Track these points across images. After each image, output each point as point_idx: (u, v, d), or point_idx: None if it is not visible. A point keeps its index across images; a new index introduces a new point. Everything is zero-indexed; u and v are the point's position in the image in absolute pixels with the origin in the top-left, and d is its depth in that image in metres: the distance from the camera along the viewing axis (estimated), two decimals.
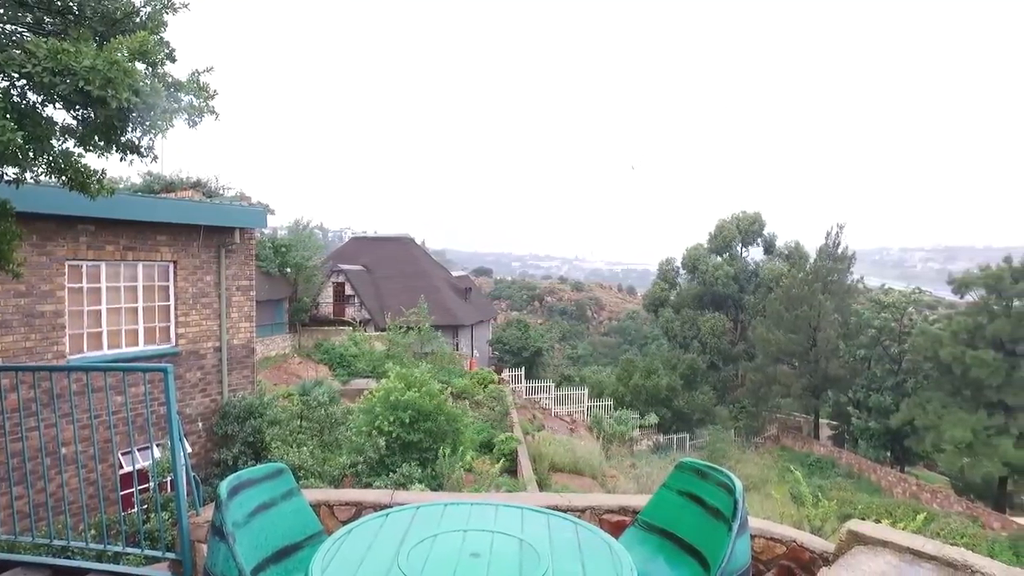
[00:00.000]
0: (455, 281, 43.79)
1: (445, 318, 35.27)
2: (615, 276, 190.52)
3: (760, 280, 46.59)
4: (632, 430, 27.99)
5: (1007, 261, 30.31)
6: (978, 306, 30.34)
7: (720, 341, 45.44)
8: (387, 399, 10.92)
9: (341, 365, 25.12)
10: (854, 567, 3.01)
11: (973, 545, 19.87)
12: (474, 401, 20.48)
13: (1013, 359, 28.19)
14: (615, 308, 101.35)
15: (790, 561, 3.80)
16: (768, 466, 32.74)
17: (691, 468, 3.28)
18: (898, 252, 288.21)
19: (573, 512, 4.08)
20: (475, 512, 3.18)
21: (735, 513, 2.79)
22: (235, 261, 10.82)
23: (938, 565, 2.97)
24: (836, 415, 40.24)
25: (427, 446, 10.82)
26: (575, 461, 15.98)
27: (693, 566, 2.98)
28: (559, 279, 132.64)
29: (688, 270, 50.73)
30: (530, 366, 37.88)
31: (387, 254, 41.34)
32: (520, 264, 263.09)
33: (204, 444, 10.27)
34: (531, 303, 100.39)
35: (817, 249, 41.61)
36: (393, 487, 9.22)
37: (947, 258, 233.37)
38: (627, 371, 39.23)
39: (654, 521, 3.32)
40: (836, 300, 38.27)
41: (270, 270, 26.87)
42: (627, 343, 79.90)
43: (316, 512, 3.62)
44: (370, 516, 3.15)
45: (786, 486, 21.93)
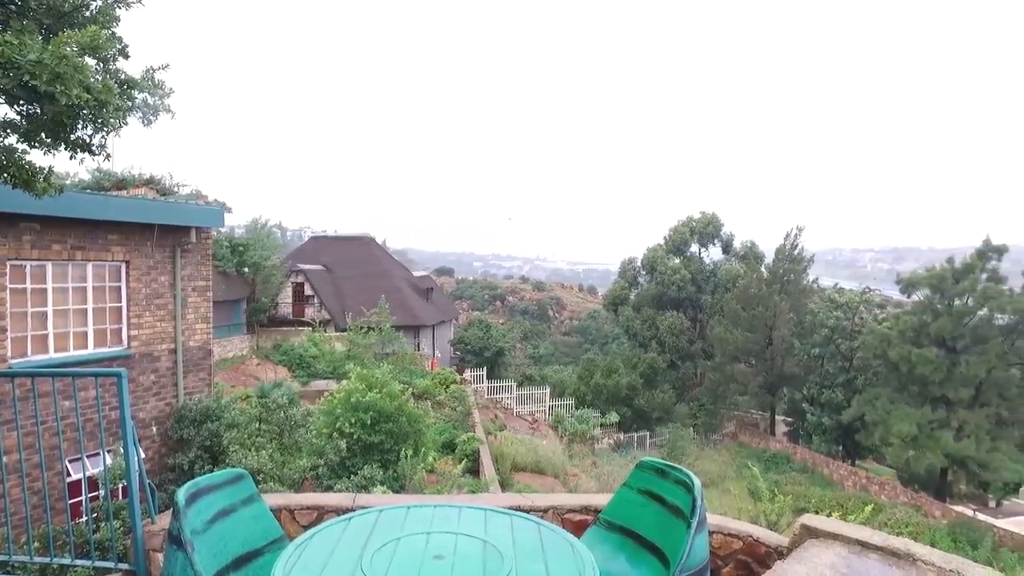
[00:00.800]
0: (416, 281, 43.53)
1: (406, 318, 35.04)
2: (576, 276, 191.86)
3: (718, 280, 47.48)
4: (593, 429, 28.27)
5: (950, 262, 31.55)
6: (923, 305, 31.51)
7: (679, 340, 46.16)
8: (348, 400, 10.80)
9: (301, 366, 24.74)
10: (806, 560, 3.12)
11: (916, 534, 20.64)
12: (436, 402, 20.41)
13: (953, 356, 29.37)
14: (576, 308, 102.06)
15: (747, 556, 3.90)
16: (726, 463, 33.44)
17: (651, 467, 3.35)
18: (850, 252, 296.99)
19: (536, 512, 4.12)
20: (438, 514, 3.19)
21: (694, 511, 2.86)
22: (191, 261, 10.57)
23: (884, 555, 3.11)
24: (791, 412, 41.29)
25: (389, 447, 10.74)
26: (537, 461, 16.06)
27: (653, 563, 3.05)
28: (521, 279, 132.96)
29: (647, 270, 51.38)
30: (492, 366, 37.89)
31: (347, 254, 40.87)
32: (482, 264, 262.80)
33: (158, 449, 10.01)
34: (493, 303, 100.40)
35: (775, 250, 42.59)
36: (355, 490, 9.14)
37: (895, 259, 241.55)
38: (588, 370, 39.57)
39: (615, 520, 3.38)
40: (792, 300, 39.27)
41: (227, 270, 26.31)
42: (588, 342, 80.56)
43: (277, 517, 3.57)
44: (333, 520, 3.13)
45: (744, 482, 22.49)
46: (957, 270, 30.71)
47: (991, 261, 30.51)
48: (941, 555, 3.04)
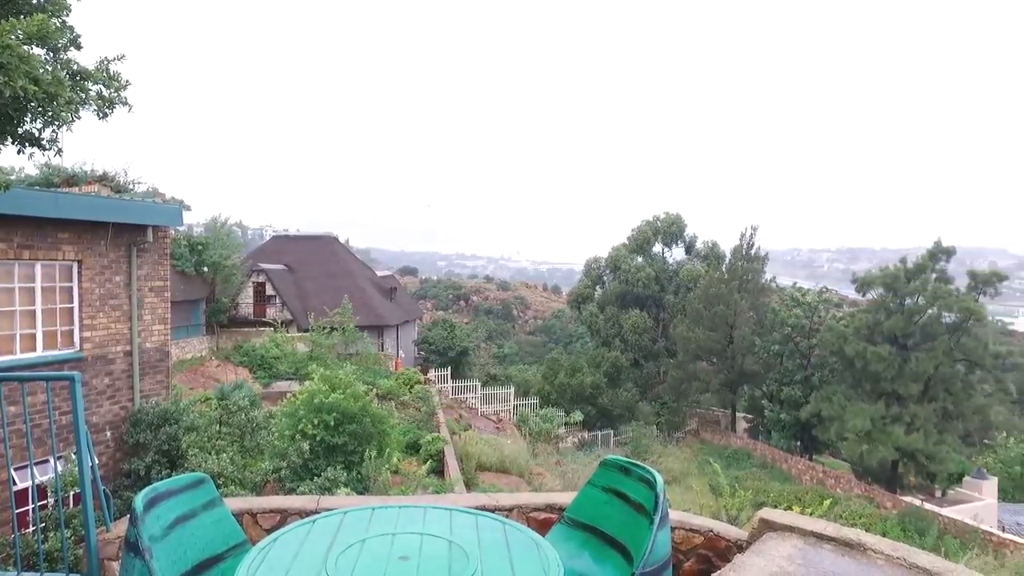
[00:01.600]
0: (380, 281, 43.18)
1: (370, 318, 34.73)
2: (541, 275, 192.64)
3: (680, 280, 48.18)
4: (558, 428, 28.42)
5: (902, 262, 32.61)
6: (877, 304, 32.50)
7: (642, 339, 46.72)
8: (311, 401, 10.67)
9: (262, 367, 24.34)
10: (764, 552, 3.20)
11: (869, 525, 21.31)
12: (400, 402, 20.29)
13: (904, 353, 30.38)
14: (541, 307, 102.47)
15: (707, 550, 3.98)
16: (688, 459, 33.98)
17: (615, 465, 3.39)
18: (808, 253, 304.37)
19: (501, 511, 4.14)
20: (403, 515, 3.18)
21: (656, 507, 2.91)
22: (148, 260, 10.31)
23: (837, 545, 3.24)
24: (751, 409, 42.16)
25: (352, 449, 10.65)
26: (502, 460, 16.08)
27: (617, 559, 3.09)
28: (485, 278, 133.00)
29: (612, 269, 51.87)
30: (456, 366, 37.82)
31: (310, 253, 40.31)
32: (446, 263, 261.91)
33: (112, 454, 9.73)
34: (457, 302, 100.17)
35: (732, 250, 43.43)
36: (319, 492, 9.04)
37: (850, 259, 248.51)
38: (553, 369, 39.78)
39: (579, 517, 3.42)
40: (751, 299, 40.08)
41: (186, 269, 25.72)
42: (553, 342, 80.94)
43: (239, 521, 3.52)
44: (296, 523, 3.09)
45: (706, 478, 22.90)
46: (909, 270, 31.77)
47: (940, 262, 31.64)
48: (889, 543, 3.18)
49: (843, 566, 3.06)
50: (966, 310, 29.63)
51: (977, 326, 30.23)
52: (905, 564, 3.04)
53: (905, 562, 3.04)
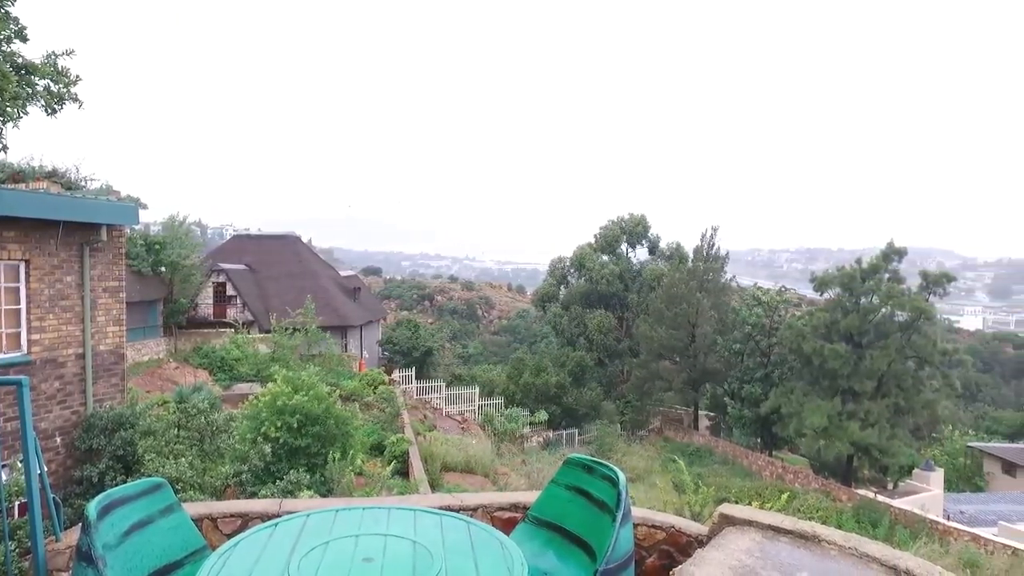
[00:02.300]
0: (343, 281, 42.70)
1: (333, 319, 34.33)
2: (505, 275, 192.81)
3: (644, 280, 48.72)
4: (523, 427, 28.50)
5: (858, 262, 33.55)
6: (834, 303, 33.37)
7: (606, 338, 47.11)
8: (273, 404, 10.51)
9: (222, 369, 23.86)
10: (724, 546, 3.28)
11: (825, 518, 21.91)
12: (364, 403, 20.11)
13: (859, 350, 31.26)
14: (505, 307, 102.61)
15: (669, 545, 4.05)
16: (652, 457, 34.41)
17: (578, 463, 3.43)
18: (768, 253, 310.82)
19: (465, 511, 4.14)
20: (367, 516, 3.16)
21: (619, 504, 2.95)
22: (101, 260, 10.01)
23: (793, 538, 3.34)
24: (713, 406, 42.88)
25: (316, 451, 10.52)
26: (467, 460, 16.07)
27: (580, 556, 3.13)
28: (450, 278, 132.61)
29: (576, 268, 52.20)
30: (421, 366, 37.62)
31: (272, 253, 39.66)
32: (410, 263, 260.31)
33: (63, 461, 9.42)
34: (421, 303, 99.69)
35: (693, 250, 44.12)
36: (281, 495, 8.90)
37: (809, 259, 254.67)
38: (517, 369, 39.86)
39: (543, 516, 3.44)
40: (712, 298, 40.76)
41: (142, 269, 25.05)
42: (517, 341, 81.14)
43: (199, 527, 3.46)
44: (258, 527, 3.05)
45: (669, 475, 23.21)
46: (864, 270, 32.71)
47: (893, 262, 32.65)
48: (842, 535, 3.30)
49: (799, 557, 3.15)
50: (917, 309, 30.62)
51: (927, 325, 31.27)
52: (856, 553, 3.15)
53: (856, 551, 3.16)
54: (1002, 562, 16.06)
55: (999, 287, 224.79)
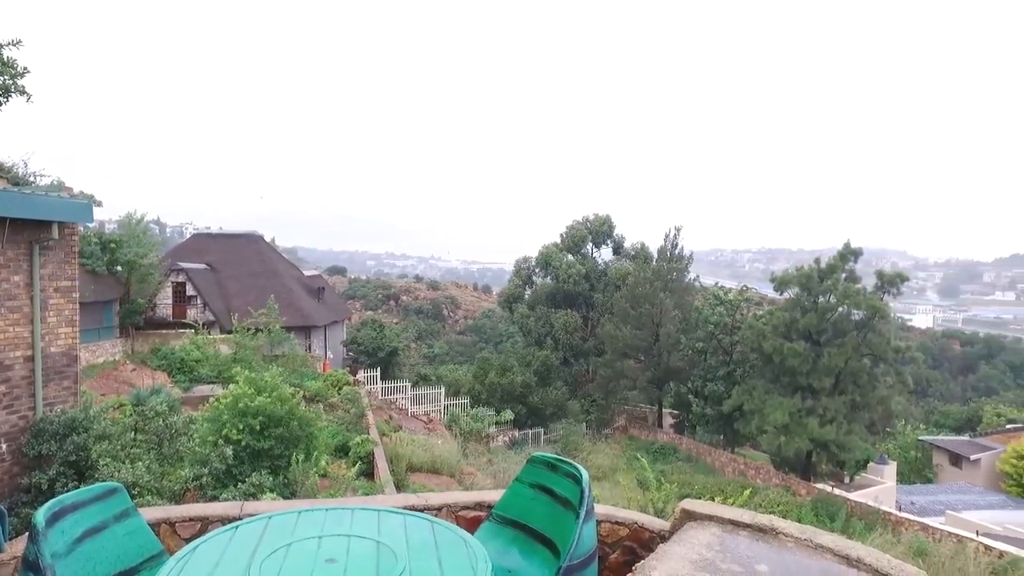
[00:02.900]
0: (307, 280, 42.13)
1: (297, 319, 33.86)
2: (471, 275, 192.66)
3: (609, 279, 49.15)
4: (488, 427, 28.53)
5: (816, 262, 34.38)
6: (793, 302, 34.15)
7: (572, 337, 47.40)
8: (235, 405, 10.31)
9: (182, 371, 23.33)
10: (685, 541, 3.34)
11: (785, 512, 22.45)
12: (328, 404, 19.89)
13: (818, 348, 32.05)
14: (471, 307, 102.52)
15: (632, 541, 4.10)
16: (617, 455, 34.76)
17: (542, 461, 3.46)
18: (730, 253, 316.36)
19: (430, 511, 4.13)
20: (331, 517, 3.14)
21: (582, 501, 2.98)
22: (53, 259, 9.70)
23: (752, 531, 3.42)
24: (677, 404, 43.49)
25: (279, 453, 10.36)
26: (433, 460, 16.02)
27: (544, 554, 3.15)
28: (415, 278, 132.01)
29: (542, 268, 52.41)
30: (386, 366, 37.35)
31: (233, 252, 38.91)
32: (375, 263, 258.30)
33: (9, 469, 9.07)
34: (386, 302, 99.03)
35: (657, 250, 44.67)
36: (243, 498, 8.74)
37: (769, 259, 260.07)
38: (483, 369, 39.87)
39: (508, 514, 3.46)
40: (676, 298, 41.33)
41: (97, 269, 24.36)
42: (483, 341, 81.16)
43: (156, 532, 3.38)
44: (218, 530, 3.00)
45: (633, 473, 23.49)
46: (822, 270, 33.53)
47: (849, 263, 33.55)
48: (798, 527, 3.40)
49: (757, 550, 3.23)
50: (872, 308, 31.52)
51: (881, 323, 32.21)
52: (811, 545, 3.25)
53: (811, 543, 3.26)
54: (948, 549, 16.69)
55: (948, 286, 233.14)
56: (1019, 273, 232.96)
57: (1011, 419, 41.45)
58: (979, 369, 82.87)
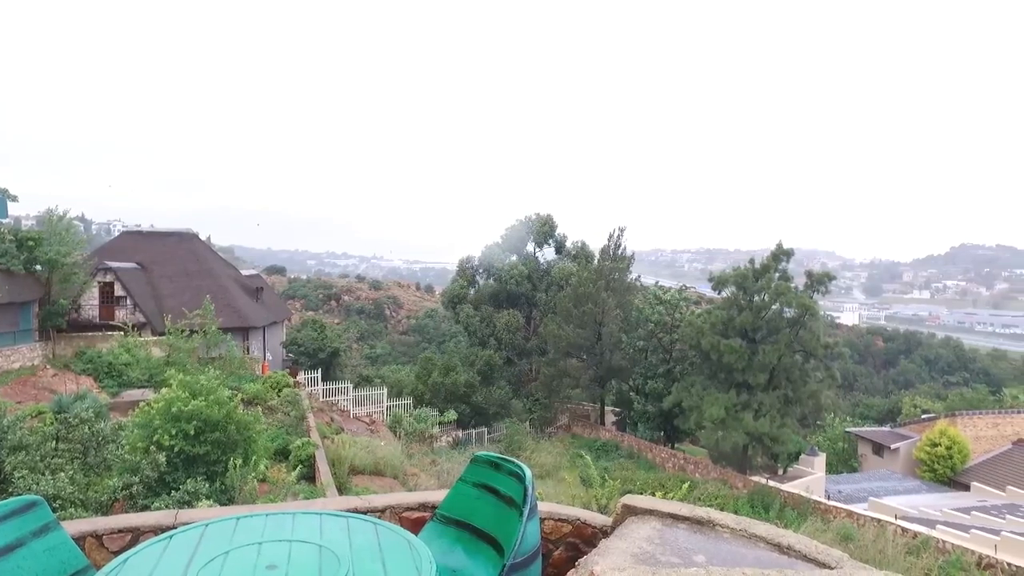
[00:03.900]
0: (245, 280, 40.94)
1: (234, 320, 32.86)
2: (414, 275, 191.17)
3: (551, 279, 49.56)
4: (432, 427, 28.37)
5: (751, 262, 35.57)
6: (730, 301, 35.21)
7: (515, 337, 47.59)
8: (168, 410, 9.95)
9: (110, 375, 22.33)
10: (626, 536, 3.41)
11: (723, 504, 23.19)
12: (267, 407, 19.40)
13: (753, 345, 33.16)
14: (414, 307, 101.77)
15: (575, 538, 4.17)
16: (561, 453, 35.11)
17: (485, 461, 3.47)
18: (670, 253, 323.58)
19: (373, 513, 4.10)
20: (271, 523, 3.07)
21: (525, 500, 3.02)
22: None
23: (691, 524, 3.53)
24: (619, 402, 44.25)
25: (215, 458, 10.05)
26: (376, 462, 15.84)
27: (489, 552, 3.17)
28: (357, 278, 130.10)
29: (485, 268, 52.43)
30: (327, 367, 36.69)
31: (166, 251, 37.45)
32: (316, 262, 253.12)
33: None
34: (328, 302, 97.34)
35: (600, 250, 45.34)
36: (177, 506, 8.44)
37: (708, 259, 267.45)
38: (426, 369, 39.63)
39: (451, 514, 3.47)
40: (618, 297, 42.03)
41: (12, 268, 23.05)
42: (426, 341, 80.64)
43: (81, 546, 3.23)
44: (150, 541, 2.90)
45: (577, 471, 23.78)
46: (757, 270, 34.70)
47: (782, 263, 34.84)
48: (734, 518, 3.53)
49: (695, 541, 3.33)
50: (803, 306, 32.82)
51: (812, 320, 33.57)
52: (746, 535, 3.38)
53: (747, 533, 3.39)
54: (871, 533, 17.71)
55: (872, 285, 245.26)
56: (933, 273, 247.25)
57: (926, 409, 43.95)
58: (899, 363, 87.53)
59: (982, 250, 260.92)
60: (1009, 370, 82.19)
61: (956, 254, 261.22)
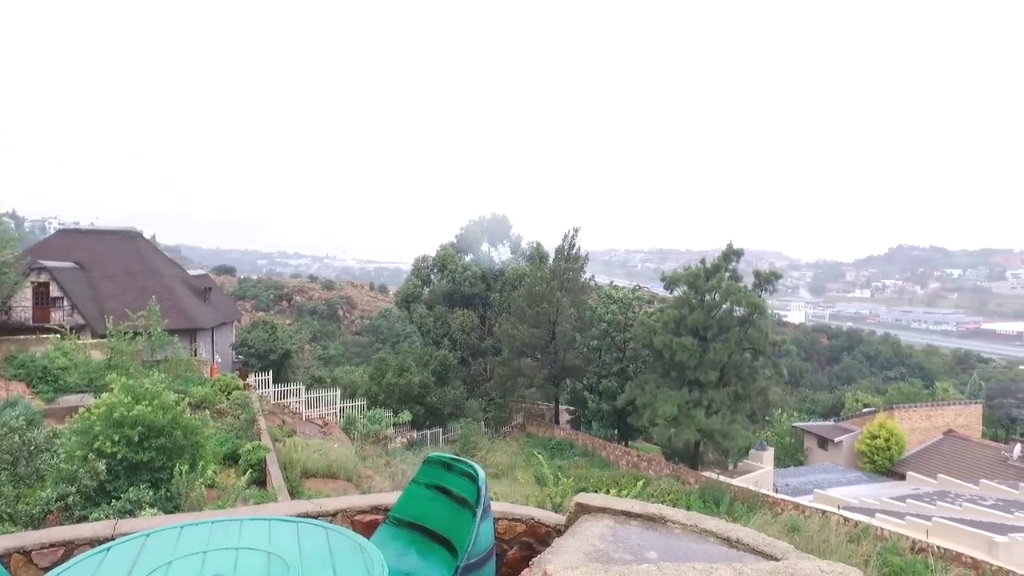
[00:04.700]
0: (192, 280, 39.76)
1: (181, 321, 31.89)
2: (367, 275, 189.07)
3: (506, 279, 49.66)
4: (386, 428, 28.08)
5: (702, 262, 36.31)
6: (682, 300, 35.88)
7: (470, 337, 47.52)
8: (109, 415, 9.56)
9: (45, 380, 21.33)
10: (579, 534, 3.43)
11: (675, 500, 23.61)
12: (216, 410, 18.87)
13: (704, 344, 33.87)
14: (368, 307, 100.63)
15: (529, 537, 4.18)
16: (515, 452, 35.19)
17: (438, 462, 3.45)
18: (624, 253, 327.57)
19: (324, 517, 4.02)
20: (217, 530, 2.98)
21: (479, 500, 3.01)
22: None
23: (643, 521, 3.58)
24: (573, 401, 44.61)
25: (161, 465, 9.71)
26: (329, 465, 15.58)
27: (442, 554, 3.15)
28: (309, 278, 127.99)
29: (439, 268, 52.22)
30: (279, 369, 35.95)
31: (107, 250, 36.07)
32: (267, 262, 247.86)
33: None
34: (279, 303, 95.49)
35: (555, 250, 45.66)
36: (117, 516, 8.12)
37: (660, 259, 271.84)
38: (380, 370, 39.21)
39: (404, 516, 3.43)
40: (572, 297, 42.38)
41: None
42: (380, 342, 79.84)
43: (5, 564, 3.07)
44: (85, 555, 2.77)
45: (531, 470, 23.88)
46: (707, 270, 35.44)
47: (732, 262, 35.67)
48: (684, 514, 3.59)
49: (647, 538, 3.38)
50: (752, 305, 33.68)
51: (760, 319, 34.49)
52: (697, 530, 3.44)
53: (697, 528, 3.45)
54: (816, 524, 18.36)
55: (817, 285, 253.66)
56: (873, 273, 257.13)
57: (867, 404, 45.69)
58: (842, 360, 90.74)
59: (917, 251, 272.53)
60: (941, 365, 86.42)
61: (894, 254, 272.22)
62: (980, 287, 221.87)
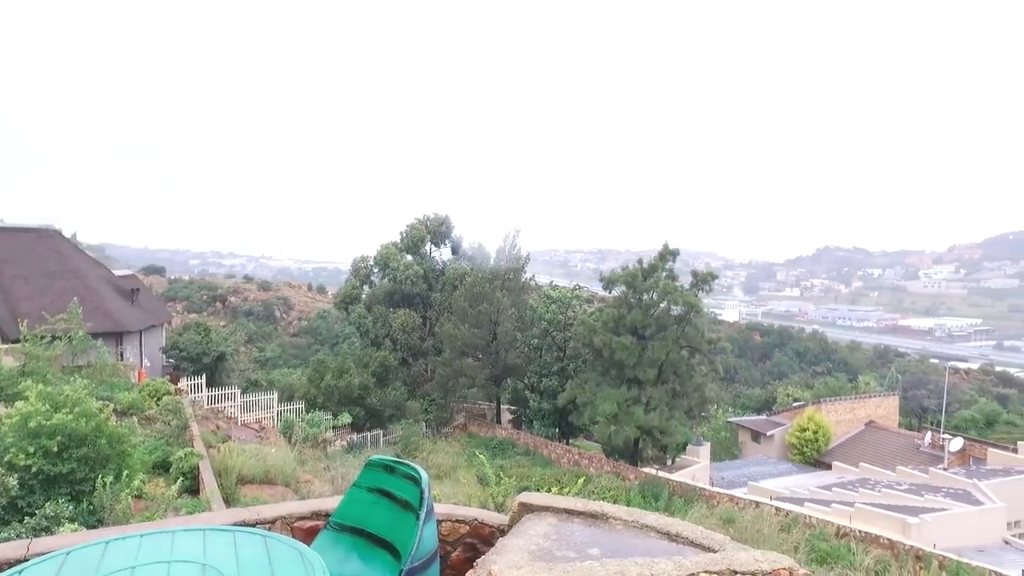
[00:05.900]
0: (118, 281, 37.94)
1: (106, 324, 30.38)
2: (305, 275, 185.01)
3: (447, 279, 49.43)
4: (326, 431, 27.53)
5: (640, 262, 37.05)
6: (620, 299, 36.51)
7: (411, 337, 47.08)
8: (24, 425, 9.01)
9: None
10: (523, 533, 3.45)
11: (616, 496, 24.03)
12: (145, 417, 18.08)
13: (643, 342, 34.58)
14: (305, 308, 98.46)
15: (473, 538, 4.17)
16: (457, 453, 35.08)
17: (379, 464, 3.40)
18: (564, 253, 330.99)
19: (263, 524, 3.91)
20: (146, 544, 2.85)
21: (421, 502, 2.98)
22: None
23: (585, 518, 3.62)
24: (515, 400, 44.77)
25: (82, 476, 9.21)
26: (266, 470, 15.14)
27: (385, 558, 3.10)
28: (244, 278, 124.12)
29: (380, 268, 51.54)
30: (212, 373, 34.74)
31: (20, 249, 33.99)
32: (200, 262, 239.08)
33: None
34: (213, 304, 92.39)
35: (496, 250, 45.76)
36: (31, 534, 7.65)
37: (600, 259, 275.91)
38: (318, 371, 38.41)
39: (346, 521, 3.37)
40: (513, 296, 42.54)
41: None
42: (319, 343, 78.29)
43: None
44: None
45: (473, 470, 23.87)
46: (645, 269, 36.18)
47: (669, 262, 36.53)
48: (626, 510, 3.66)
49: (590, 535, 3.42)
50: (689, 304, 34.57)
51: (697, 317, 35.45)
52: (638, 525, 3.51)
53: (638, 523, 3.52)
54: (750, 515, 19.06)
55: (750, 284, 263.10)
56: (802, 272, 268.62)
57: (796, 398, 47.61)
58: (774, 356, 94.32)
59: (841, 251, 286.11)
60: (863, 359, 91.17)
61: (821, 255, 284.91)
62: (898, 286, 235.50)
